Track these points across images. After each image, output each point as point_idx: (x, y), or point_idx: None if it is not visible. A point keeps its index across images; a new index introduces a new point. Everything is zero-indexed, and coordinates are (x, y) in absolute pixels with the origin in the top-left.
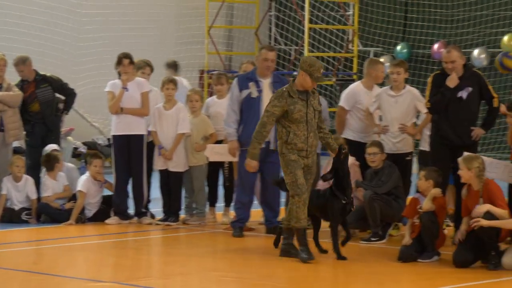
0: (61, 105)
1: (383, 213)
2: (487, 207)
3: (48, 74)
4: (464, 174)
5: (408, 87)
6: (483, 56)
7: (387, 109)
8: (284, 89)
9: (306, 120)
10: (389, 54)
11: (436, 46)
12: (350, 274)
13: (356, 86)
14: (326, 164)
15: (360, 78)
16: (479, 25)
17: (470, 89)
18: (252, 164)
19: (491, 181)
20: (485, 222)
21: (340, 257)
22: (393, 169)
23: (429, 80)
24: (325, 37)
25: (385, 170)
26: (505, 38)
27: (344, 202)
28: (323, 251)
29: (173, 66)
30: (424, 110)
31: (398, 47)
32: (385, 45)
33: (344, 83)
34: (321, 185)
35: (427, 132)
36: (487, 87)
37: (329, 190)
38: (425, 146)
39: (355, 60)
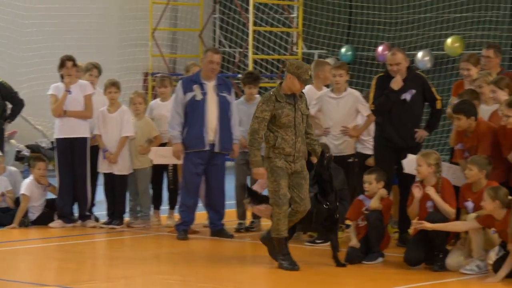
0: (6, 113)
1: None
2: (432, 190)
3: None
4: (424, 170)
5: (349, 89)
6: (427, 58)
7: (328, 111)
8: (271, 93)
9: (294, 125)
10: (334, 56)
11: (380, 48)
12: (295, 276)
13: (307, 89)
14: None
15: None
16: (423, 27)
17: (413, 91)
18: (260, 172)
19: (445, 179)
20: (428, 225)
21: (340, 264)
22: (338, 171)
23: (373, 82)
24: (270, 40)
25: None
26: (449, 40)
27: (326, 207)
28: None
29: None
30: (365, 112)
31: (343, 50)
32: (329, 47)
33: None
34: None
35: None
36: (430, 89)
37: (313, 196)
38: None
39: None
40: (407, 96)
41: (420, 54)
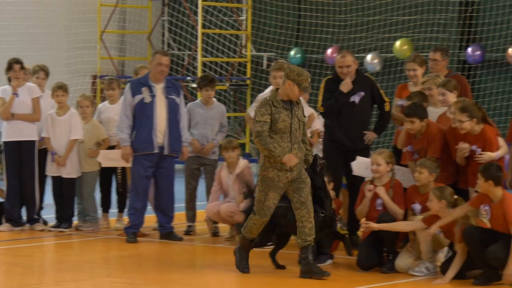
0: None
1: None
2: (383, 190)
3: None
4: (383, 169)
5: None
6: (376, 61)
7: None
8: (268, 98)
9: (290, 131)
10: (283, 59)
11: (329, 51)
12: (245, 278)
13: (269, 90)
14: None
15: (253, 83)
16: (372, 30)
17: (362, 93)
18: (290, 157)
19: (396, 180)
20: (374, 225)
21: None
22: None
23: (322, 85)
24: (219, 42)
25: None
26: (397, 43)
27: (322, 215)
28: (280, 267)
29: None
30: (310, 111)
31: (292, 52)
32: (278, 50)
33: (238, 88)
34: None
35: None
36: (379, 92)
37: None
38: None
39: (248, 65)
40: (356, 98)
41: (369, 57)
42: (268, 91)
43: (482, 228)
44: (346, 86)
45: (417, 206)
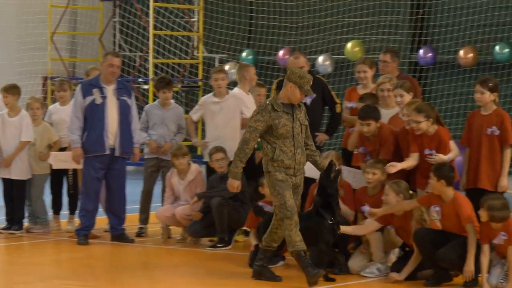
0: None
1: (231, 219)
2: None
3: None
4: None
5: (231, 92)
6: (327, 62)
7: (211, 116)
8: (268, 102)
9: (292, 135)
10: (234, 60)
11: (281, 52)
12: (196, 280)
13: (237, 92)
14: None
15: (205, 84)
16: (323, 32)
17: (314, 95)
18: (234, 185)
19: (345, 181)
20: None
21: (329, 279)
22: None
23: (273, 86)
24: (170, 44)
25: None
26: (349, 45)
27: (330, 222)
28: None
29: None
30: (248, 114)
31: (243, 54)
32: (230, 51)
33: (190, 90)
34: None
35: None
36: (330, 93)
37: (314, 211)
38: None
39: (200, 67)
40: (307, 100)
41: (320, 59)
42: (211, 95)
43: (433, 229)
44: None
45: (366, 208)
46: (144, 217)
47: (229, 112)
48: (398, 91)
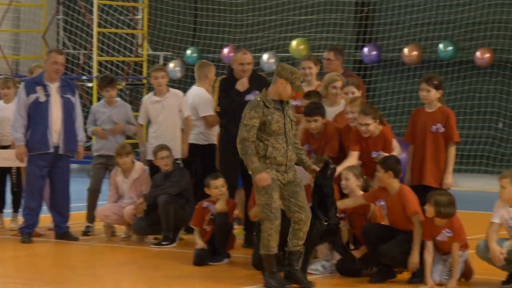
0: None
1: (177, 217)
2: None
3: None
4: None
5: (172, 90)
6: (272, 60)
7: (154, 114)
8: (258, 98)
9: (284, 132)
10: (179, 58)
11: (225, 50)
12: (141, 278)
13: (198, 91)
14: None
15: (150, 82)
16: (268, 30)
17: (257, 92)
18: (263, 177)
19: None
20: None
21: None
22: (184, 171)
23: (217, 84)
24: (114, 41)
25: (176, 172)
26: (294, 43)
27: (325, 223)
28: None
29: None
30: (187, 113)
31: (188, 51)
32: (175, 49)
33: (134, 88)
34: None
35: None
36: None
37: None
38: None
39: (144, 65)
40: (250, 97)
41: (265, 56)
42: (151, 94)
43: (381, 225)
44: (242, 85)
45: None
46: (91, 215)
47: (170, 111)
48: (350, 88)
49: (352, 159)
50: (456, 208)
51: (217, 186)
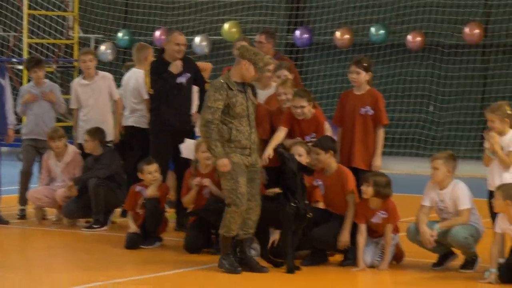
0: None
1: (108, 200)
2: (209, 181)
3: None
4: (207, 155)
5: (100, 73)
6: (204, 43)
7: (83, 98)
8: (222, 80)
9: (247, 114)
10: (111, 41)
11: (157, 33)
12: (73, 261)
13: (141, 74)
14: None
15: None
16: (200, 12)
17: (188, 74)
18: (225, 163)
19: None
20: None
21: (293, 270)
22: (114, 154)
23: (148, 68)
24: (45, 24)
25: (107, 155)
26: (226, 25)
27: (294, 205)
28: (278, 264)
29: None
30: (116, 96)
31: (119, 34)
32: (106, 31)
33: (65, 70)
34: None
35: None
36: (200, 73)
37: (281, 194)
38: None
39: (75, 47)
40: (182, 79)
41: (197, 39)
42: (80, 77)
43: (316, 208)
44: (176, 67)
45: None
46: (23, 197)
47: (99, 94)
48: (282, 72)
49: (280, 133)
50: (392, 189)
51: (151, 171)
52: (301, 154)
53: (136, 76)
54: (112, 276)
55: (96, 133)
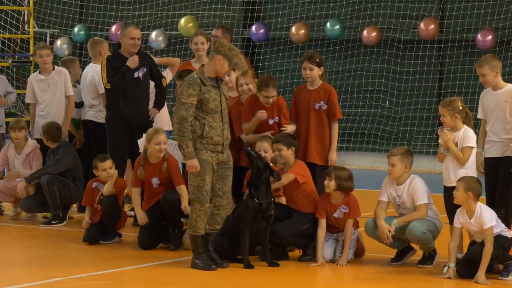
0: None
1: (62, 196)
2: None
3: None
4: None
5: (57, 68)
6: (160, 38)
7: (40, 93)
8: (195, 76)
9: (220, 110)
10: (66, 36)
11: (113, 28)
12: (30, 256)
13: (98, 68)
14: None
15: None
16: (156, 7)
17: (145, 69)
18: (194, 164)
19: (171, 156)
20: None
21: (249, 266)
22: (68, 148)
23: (104, 62)
24: (0, 18)
25: (60, 150)
26: (182, 20)
27: (257, 201)
28: (275, 265)
29: None
30: (70, 92)
31: (75, 29)
32: (62, 26)
33: (21, 65)
34: None
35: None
36: (157, 68)
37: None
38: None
39: (31, 42)
40: (139, 74)
41: (153, 34)
42: (37, 72)
43: (280, 204)
44: (133, 61)
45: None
46: None
47: (56, 89)
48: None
49: (255, 119)
50: (354, 183)
51: (105, 168)
52: (266, 151)
53: (94, 71)
54: (70, 272)
55: (50, 128)
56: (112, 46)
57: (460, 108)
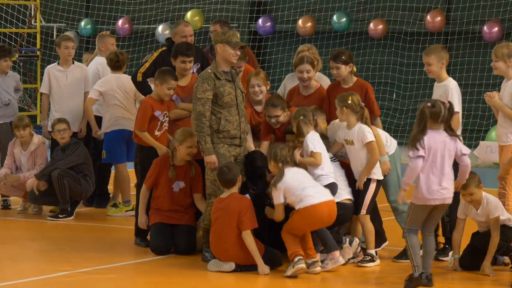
0: None
1: (72, 190)
2: None
3: None
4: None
5: (76, 62)
6: (166, 32)
7: (57, 86)
8: (209, 70)
9: (236, 104)
10: (73, 30)
11: (120, 22)
12: (38, 250)
13: (100, 61)
14: None
15: (43, 54)
16: (163, 1)
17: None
18: (212, 160)
19: None
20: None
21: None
22: (78, 145)
23: (155, 55)
24: (7, 13)
25: (70, 146)
26: (188, 14)
27: (252, 191)
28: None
29: None
30: (88, 88)
31: (82, 23)
32: (68, 20)
33: (28, 59)
34: None
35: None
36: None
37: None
38: None
39: (38, 36)
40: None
41: (160, 28)
42: (55, 64)
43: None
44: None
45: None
46: None
47: (73, 82)
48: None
49: (264, 146)
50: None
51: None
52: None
53: (97, 63)
54: (77, 266)
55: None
56: (166, 41)
57: (349, 102)
